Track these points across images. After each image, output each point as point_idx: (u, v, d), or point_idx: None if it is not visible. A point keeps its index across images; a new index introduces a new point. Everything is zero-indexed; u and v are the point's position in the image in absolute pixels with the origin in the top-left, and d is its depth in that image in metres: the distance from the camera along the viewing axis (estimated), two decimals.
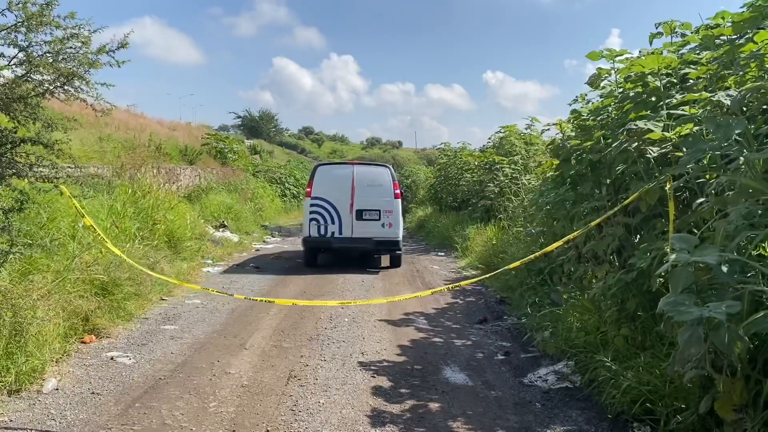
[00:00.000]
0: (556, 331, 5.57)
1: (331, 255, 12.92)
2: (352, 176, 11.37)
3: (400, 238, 11.49)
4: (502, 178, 13.64)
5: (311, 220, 11.10)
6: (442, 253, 14.07)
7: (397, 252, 11.50)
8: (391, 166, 12.18)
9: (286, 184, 28.03)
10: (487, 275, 5.36)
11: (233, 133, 75.85)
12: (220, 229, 14.26)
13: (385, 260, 12.24)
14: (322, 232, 11.13)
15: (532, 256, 5.06)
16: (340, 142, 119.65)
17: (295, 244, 15.20)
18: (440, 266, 11.92)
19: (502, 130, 15.70)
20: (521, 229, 9.79)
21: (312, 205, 11.14)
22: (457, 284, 5.33)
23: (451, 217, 16.78)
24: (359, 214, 11.18)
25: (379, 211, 11.24)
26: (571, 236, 4.90)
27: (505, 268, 5.33)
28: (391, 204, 11.28)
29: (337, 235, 11.10)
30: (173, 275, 8.23)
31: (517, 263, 4.93)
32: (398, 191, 11.45)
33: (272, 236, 16.92)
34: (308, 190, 11.28)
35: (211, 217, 14.91)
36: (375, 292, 8.64)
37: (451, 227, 15.29)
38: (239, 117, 76.77)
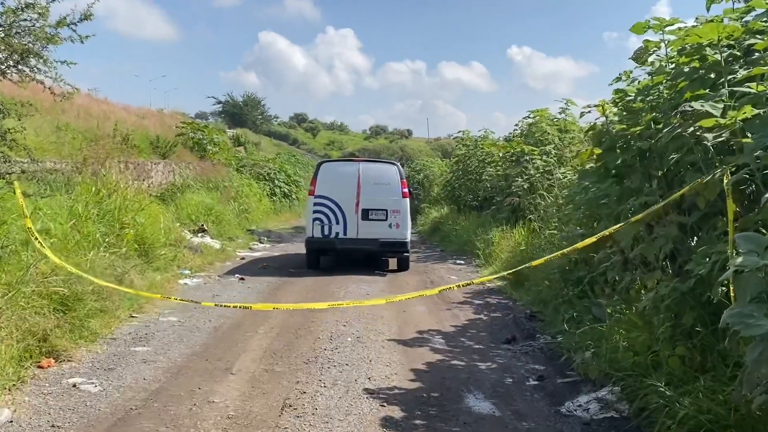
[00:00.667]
0: (599, 352, 5.58)
1: (332, 259, 13.04)
2: (358, 174, 12.46)
3: (408, 240, 12.55)
4: (531, 172, 13.65)
5: (315, 219, 12.18)
6: (461, 261, 14.09)
7: (405, 254, 12.54)
8: (399, 164, 13.33)
9: (276, 181, 28.13)
10: (507, 272, 5.38)
11: (213, 122, 76.25)
12: (199, 234, 14.33)
13: (391, 264, 12.45)
14: (326, 232, 12.19)
15: (559, 252, 5.06)
16: (338, 132, 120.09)
17: (287, 251, 15.26)
18: (458, 276, 12.00)
19: (531, 115, 15.72)
20: (555, 231, 9.79)
21: (315, 204, 12.20)
22: (468, 282, 5.39)
23: (471, 218, 16.82)
24: (365, 214, 12.26)
25: (386, 210, 12.31)
26: (607, 231, 4.90)
27: (528, 265, 5.35)
28: (399, 203, 12.33)
29: (341, 235, 12.17)
30: (145, 288, 8.29)
31: (542, 260, 4.95)
32: (406, 190, 12.53)
33: (260, 242, 16.99)
34: (311, 188, 12.36)
35: (189, 220, 14.99)
36: (380, 307, 8.66)
37: (472, 230, 15.33)
38: (220, 103, 77.31)
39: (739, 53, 4.71)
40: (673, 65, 5.21)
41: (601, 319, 6.28)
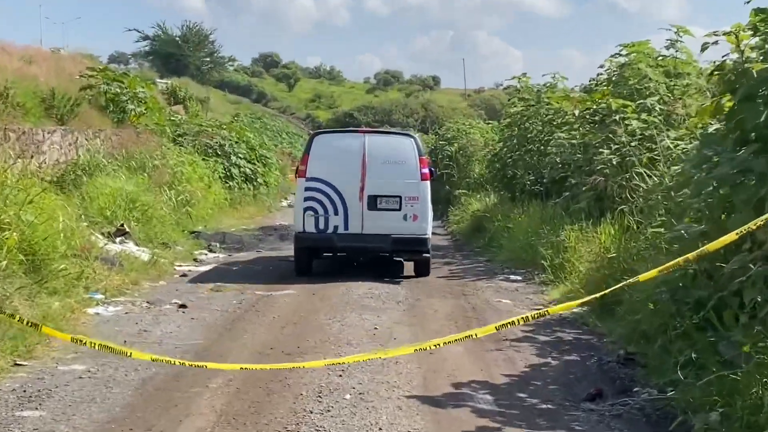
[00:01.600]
0: (732, 413, 5.55)
1: (318, 263, 13.09)
2: (363, 149, 13.54)
3: (429, 235, 13.75)
4: (624, 139, 13.56)
5: (306, 209, 13.37)
6: (518, 277, 14.08)
7: (425, 255, 13.76)
8: (416, 136, 14.50)
9: (233, 158, 28.18)
10: (594, 295, 5.34)
11: (137, 68, 76.33)
12: (118, 239, 14.37)
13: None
14: (322, 226, 13.38)
15: (681, 259, 5.03)
16: (327, 81, 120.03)
17: (251, 263, 15.28)
18: (514, 299, 11.99)
19: (623, 52, 15.61)
20: (662, 230, 9.73)
21: (308, 189, 13.41)
22: (540, 313, 5.34)
23: (532, 210, 16.78)
24: (372, 202, 13.44)
25: (400, 198, 13.46)
26: (745, 228, 4.86)
27: (631, 281, 5.31)
28: (417, 188, 13.51)
29: (341, 230, 13.35)
30: (40, 319, 8.32)
31: (652, 272, 4.91)
32: (426, 170, 13.66)
33: (209, 251, 17.02)
34: (302, 168, 13.58)
35: (101, 217, 15.03)
36: (395, 347, 8.65)
37: (533, 229, 15.28)
38: (146, 39, 77.45)
39: None
40: None
41: (733, 363, 6.23)
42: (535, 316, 5.93)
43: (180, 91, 42.89)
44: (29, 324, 6.35)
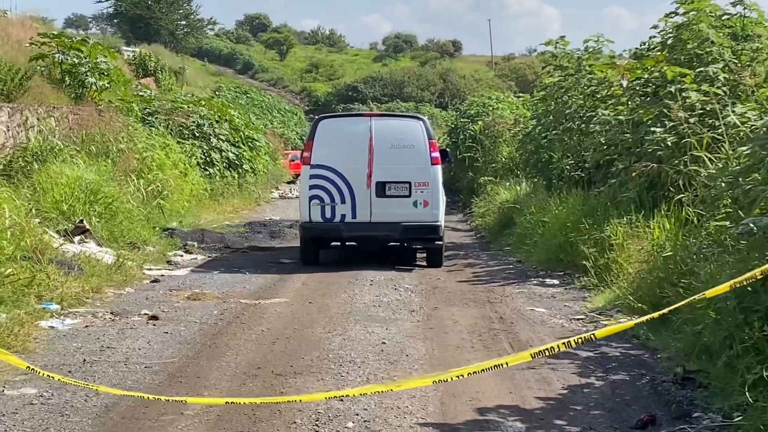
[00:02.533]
0: None
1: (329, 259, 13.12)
2: (370, 134, 15.54)
3: (441, 223, 15.68)
4: (681, 114, 13.53)
5: (312, 198, 15.43)
6: (555, 280, 14.13)
7: (437, 243, 15.64)
8: (425, 118, 16.63)
9: (214, 140, 28.22)
10: (657, 313, 5.33)
11: (98, 35, 76.43)
12: (76, 238, 14.41)
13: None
14: (328, 215, 15.44)
15: (750, 274, 5.04)
16: (326, 48, 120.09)
17: (235, 266, 15.29)
18: (550, 308, 12.00)
19: (681, 10, 15.56)
20: (727, 223, 9.71)
21: (313, 177, 15.42)
22: (588, 336, 5.32)
23: (571, 201, 16.74)
24: (380, 189, 15.48)
25: (410, 183, 15.48)
26: None
27: (699, 296, 5.31)
28: (427, 172, 15.48)
29: (349, 219, 15.42)
30: None
31: (723, 287, 4.91)
32: (437, 154, 15.63)
33: (186, 251, 17.09)
34: (306, 155, 15.60)
35: (56, 212, 15.09)
36: (407, 367, 8.68)
37: (573, 223, 15.26)
38: None
39: None
40: None
41: None
42: (579, 341, 5.76)
43: (150, 60, 43.06)
44: None
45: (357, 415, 7.10)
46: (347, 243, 16.82)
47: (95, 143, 19.71)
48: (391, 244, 16.57)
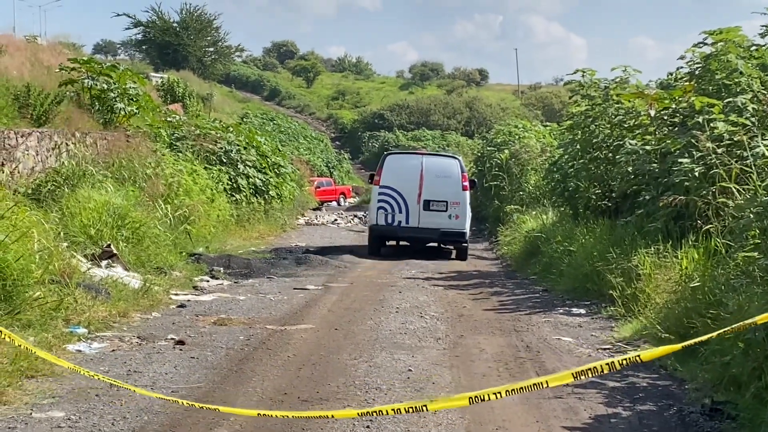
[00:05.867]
0: None
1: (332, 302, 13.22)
2: (421, 166, 23.08)
3: (467, 231, 23.45)
4: (709, 145, 13.50)
5: (379, 208, 22.93)
6: (581, 310, 14.08)
7: (464, 244, 23.41)
8: (461, 158, 25.51)
9: (241, 166, 28.29)
10: (685, 342, 5.30)
11: (127, 60, 76.84)
12: (104, 263, 14.47)
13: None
14: (389, 220, 22.94)
15: None
16: (353, 75, 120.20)
17: (262, 293, 15.32)
18: (577, 337, 11.99)
19: (709, 41, 15.56)
20: (756, 254, 9.66)
21: (380, 194, 22.99)
22: (625, 359, 5.28)
23: (598, 230, 16.71)
24: (426, 204, 22.85)
25: (447, 202, 22.82)
26: None
27: (734, 326, 5.27)
28: (459, 195, 22.95)
29: (403, 224, 22.90)
30: (7, 362, 8.40)
31: (764, 317, 4.88)
32: (466, 183, 23.17)
33: (212, 277, 17.11)
34: (377, 178, 23.15)
35: (84, 236, 15.16)
36: (434, 395, 8.67)
37: (600, 253, 15.22)
38: (139, 25, 78.09)
39: None
40: None
41: None
42: (623, 362, 5.68)
43: (178, 86, 43.15)
44: (19, 346, 6.43)
45: None
46: (401, 242, 24.70)
47: (123, 168, 19.81)
48: (430, 244, 24.01)
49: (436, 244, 24.33)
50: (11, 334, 6.33)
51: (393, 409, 5.79)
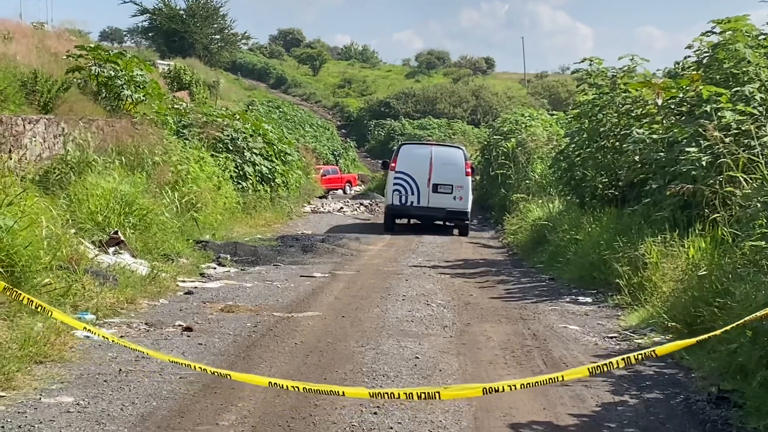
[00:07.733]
0: None
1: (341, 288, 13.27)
2: (431, 155, 27.44)
3: (469, 210, 27.55)
4: (716, 134, 13.48)
5: (395, 190, 27.21)
6: (588, 298, 14.10)
7: (465, 222, 27.53)
8: (464, 148, 30.28)
9: (247, 154, 28.29)
10: (695, 338, 5.31)
11: (133, 47, 76.73)
12: (111, 249, 14.50)
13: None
14: (403, 201, 27.14)
15: None
16: (359, 63, 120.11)
17: (268, 280, 15.35)
18: (583, 325, 12.00)
19: (717, 30, 15.53)
20: (763, 243, 9.67)
21: (396, 178, 27.20)
22: (641, 354, 5.29)
23: (605, 219, 16.72)
24: (435, 187, 26.92)
25: (452, 185, 26.82)
26: None
27: (750, 318, 5.28)
28: (463, 180, 26.93)
29: (415, 204, 27.11)
30: (16, 347, 8.43)
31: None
32: (469, 169, 27.58)
33: (219, 264, 17.14)
34: (393, 165, 27.44)
35: (92, 223, 15.18)
36: (441, 382, 8.73)
37: (606, 242, 15.22)
38: (145, 12, 77.99)
39: None
40: None
41: None
42: (639, 357, 5.67)
43: (185, 74, 43.18)
44: (37, 307, 6.47)
45: (391, 428, 7.14)
46: (412, 220, 28.74)
47: (130, 155, 19.79)
48: (437, 222, 27.77)
49: (441, 222, 27.92)
50: (42, 303, 6.38)
51: (405, 393, 5.82)
